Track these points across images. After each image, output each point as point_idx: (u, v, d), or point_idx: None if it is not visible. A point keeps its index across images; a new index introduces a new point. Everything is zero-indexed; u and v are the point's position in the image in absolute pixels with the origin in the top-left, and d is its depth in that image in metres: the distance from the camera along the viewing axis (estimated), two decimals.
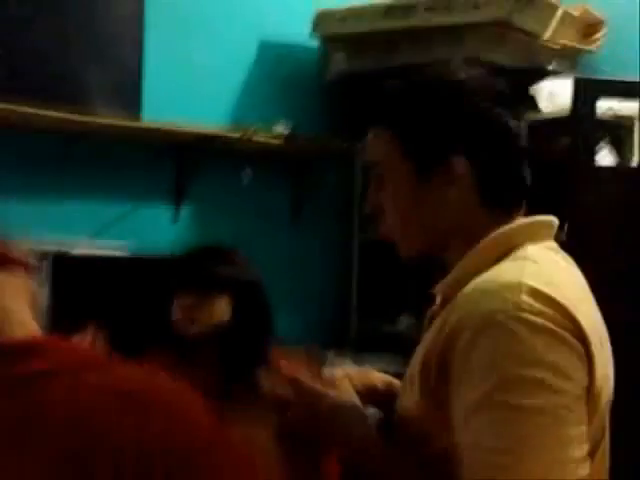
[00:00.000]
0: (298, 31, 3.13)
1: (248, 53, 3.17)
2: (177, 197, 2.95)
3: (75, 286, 2.19)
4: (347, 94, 3.19)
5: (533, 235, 1.09)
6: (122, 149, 2.78)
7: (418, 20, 2.81)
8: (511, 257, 1.05)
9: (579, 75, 2.64)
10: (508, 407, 0.91)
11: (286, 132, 3.00)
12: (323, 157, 3.26)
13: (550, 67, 2.88)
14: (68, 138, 2.62)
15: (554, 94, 2.63)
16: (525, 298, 0.95)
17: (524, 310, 0.94)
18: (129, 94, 2.73)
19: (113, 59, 2.71)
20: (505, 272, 1.01)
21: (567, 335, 0.94)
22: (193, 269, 1.61)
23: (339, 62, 3.09)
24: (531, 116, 2.60)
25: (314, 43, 3.22)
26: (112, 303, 2.16)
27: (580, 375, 0.95)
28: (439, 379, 1.01)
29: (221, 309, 1.57)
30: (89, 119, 2.54)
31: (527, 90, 2.70)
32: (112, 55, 2.71)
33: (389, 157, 1.12)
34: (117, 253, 2.41)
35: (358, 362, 2.75)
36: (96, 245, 2.41)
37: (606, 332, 1.07)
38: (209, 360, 1.56)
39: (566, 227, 2.23)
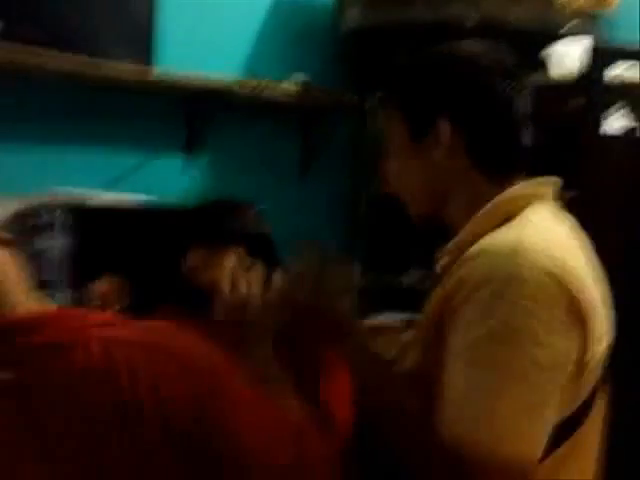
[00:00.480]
0: None
1: (263, 4, 3.15)
2: (189, 149, 2.96)
3: (88, 237, 2.22)
4: (361, 47, 3.16)
5: (534, 198, 1.12)
6: (135, 100, 2.78)
7: None
8: (512, 221, 1.09)
9: (594, 38, 2.61)
10: (491, 355, 0.96)
11: (299, 84, 2.99)
12: (335, 110, 3.25)
13: (564, 29, 2.85)
14: (78, 88, 2.62)
15: (565, 56, 2.60)
16: (521, 261, 0.98)
17: (520, 273, 0.98)
18: (142, 45, 2.72)
19: (126, 9, 2.70)
20: (505, 236, 1.05)
21: (560, 293, 0.98)
22: (206, 222, 1.64)
23: (354, 14, 3.07)
24: (540, 79, 2.58)
25: None
26: (125, 254, 2.19)
27: (572, 336, 0.99)
28: (437, 337, 1.06)
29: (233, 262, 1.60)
30: (100, 69, 2.53)
31: (538, 53, 2.68)
32: (125, 5, 2.70)
33: (391, 122, 1.19)
34: (130, 205, 2.43)
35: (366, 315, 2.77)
36: (110, 196, 2.43)
37: (607, 290, 1.11)
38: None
39: (576, 190, 2.24)
